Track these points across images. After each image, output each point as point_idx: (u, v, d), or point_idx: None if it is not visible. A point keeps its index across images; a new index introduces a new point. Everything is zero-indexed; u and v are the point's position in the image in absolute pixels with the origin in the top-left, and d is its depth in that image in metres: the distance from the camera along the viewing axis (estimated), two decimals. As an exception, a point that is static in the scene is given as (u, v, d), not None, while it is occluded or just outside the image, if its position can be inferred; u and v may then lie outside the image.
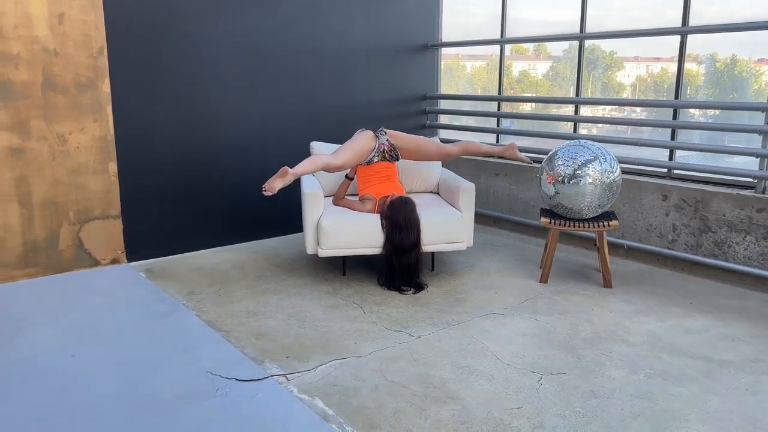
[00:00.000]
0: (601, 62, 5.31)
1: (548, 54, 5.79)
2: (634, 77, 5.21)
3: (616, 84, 5.34)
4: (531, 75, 5.94)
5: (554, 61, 5.82)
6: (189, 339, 3.26)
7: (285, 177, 3.72)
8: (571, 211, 4.04)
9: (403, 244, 3.93)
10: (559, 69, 5.79)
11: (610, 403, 2.64)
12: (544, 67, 5.87)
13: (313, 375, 2.88)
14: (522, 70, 6.01)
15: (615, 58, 5.20)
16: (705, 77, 4.68)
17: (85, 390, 2.74)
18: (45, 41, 4.03)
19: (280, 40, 5.04)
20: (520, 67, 6.03)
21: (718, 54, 4.57)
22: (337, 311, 3.65)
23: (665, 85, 5.04)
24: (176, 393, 2.71)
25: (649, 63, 5.14)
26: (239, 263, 4.54)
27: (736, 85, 4.46)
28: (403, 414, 2.55)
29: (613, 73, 5.25)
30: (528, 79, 5.86)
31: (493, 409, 2.59)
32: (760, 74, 4.47)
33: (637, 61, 5.13)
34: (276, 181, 3.70)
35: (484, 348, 3.16)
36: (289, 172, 3.72)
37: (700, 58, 4.75)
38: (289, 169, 3.72)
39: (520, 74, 6.00)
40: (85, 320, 3.50)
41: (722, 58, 4.48)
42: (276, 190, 3.70)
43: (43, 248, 4.20)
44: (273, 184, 3.70)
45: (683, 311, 3.65)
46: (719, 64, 4.46)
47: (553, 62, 5.83)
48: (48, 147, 4.13)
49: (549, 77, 5.85)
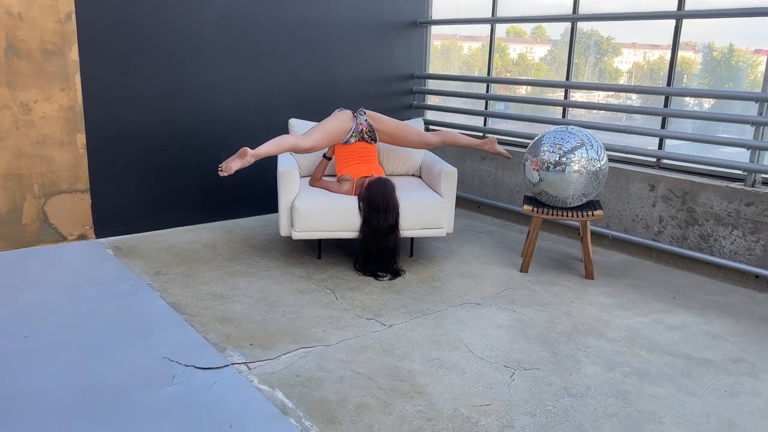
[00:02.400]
0: (597, 48, 5.15)
1: (547, 38, 5.61)
2: (630, 64, 5.06)
3: (612, 70, 5.19)
4: (528, 58, 5.77)
5: (552, 45, 5.64)
6: (150, 322, 3.12)
7: (244, 158, 3.53)
8: (555, 199, 3.91)
9: (380, 226, 3.78)
10: (557, 53, 5.62)
11: (584, 402, 2.52)
12: (542, 50, 5.69)
13: (275, 364, 2.75)
14: (520, 53, 5.83)
15: (612, 43, 5.04)
16: (701, 66, 4.54)
17: (34, 373, 2.59)
18: (8, 4, 3.81)
19: (262, 8, 4.83)
20: (518, 50, 5.85)
21: (714, 43, 4.42)
22: (308, 296, 3.51)
23: (661, 73, 4.89)
24: (130, 379, 2.57)
25: (646, 50, 4.99)
26: (211, 243, 4.38)
27: (732, 75, 4.33)
28: (366, 408, 2.43)
29: (610, 59, 5.09)
30: (525, 63, 5.68)
31: (461, 406, 2.47)
32: (757, 65, 4.34)
33: (635, 48, 4.98)
34: (234, 162, 3.52)
35: (457, 340, 3.04)
36: (249, 153, 3.53)
37: (697, 47, 4.60)
38: (249, 150, 3.52)
39: (519, 57, 5.82)
40: (43, 299, 3.34)
41: (719, 47, 4.33)
42: (233, 170, 3.51)
43: (5, 222, 4.02)
44: (230, 164, 3.51)
45: (665, 306, 3.54)
46: (716, 54, 4.31)
47: (552, 46, 5.65)
48: (11, 116, 3.93)
49: (546, 61, 5.67)
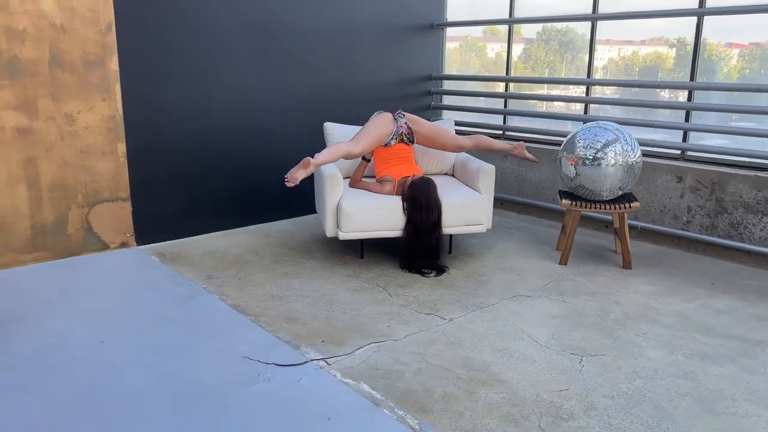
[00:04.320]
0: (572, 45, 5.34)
1: (522, 36, 5.79)
2: (606, 60, 5.23)
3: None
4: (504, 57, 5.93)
5: (527, 43, 5.82)
6: (217, 323, 3.19)
7: (307, 168, 3.66)
8: (592, 193, 4.04)
9: (423, 224, 3.89)
10: (532, 51, 5.79)
11: (655, 384, 2.65)
12: (518, 49, 5.87)
13: (352, 359, 2.84)
14: (497, 52, 5.99)
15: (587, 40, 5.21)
16: (675, 60, 4.73)
17: (123, 377, 2.66)
18: (52, 16, 3.86)
19: (286, 17, 4.91)
20: (495, 49, 6.02)
21: (686, 38, 4.60)
22: (362, 294, 3.61)
23: (636, 69, 5.08)
24: (218, 379, 2.64)
25: (620, 46, 5.17)
26: (252, 246, 4.45)
27: (706, 68, 4.50)
28: (452, 397, 2.53)
29: (585, 56, 5.26)
30: (502, 61, 5.83)
31: (541, 391, 2.58)
32: (730, 58, 4.53)
33: (609, 44, 5.15)
34: (298, 172, 3.65)
35: (518, 330, 3.15)
36: (311, 163, 3.66)
37: (670, 42, 4.79)
38: (311, 159, 3.66)
39: (496, 56, 5.99)
40: (106, 305, 3.40)
41: (691, 42, 4.49)
42: (298, 180, 3.65)
43: (52, 232, 4.06)
44: (295, 174, 3.64)
45: (706, 292, 3.69)
46: (689, 48, 4.48)
47: (526, 44, 5.83)
48: (56, 127, 3.98)
49: (522, 59, 5.85)
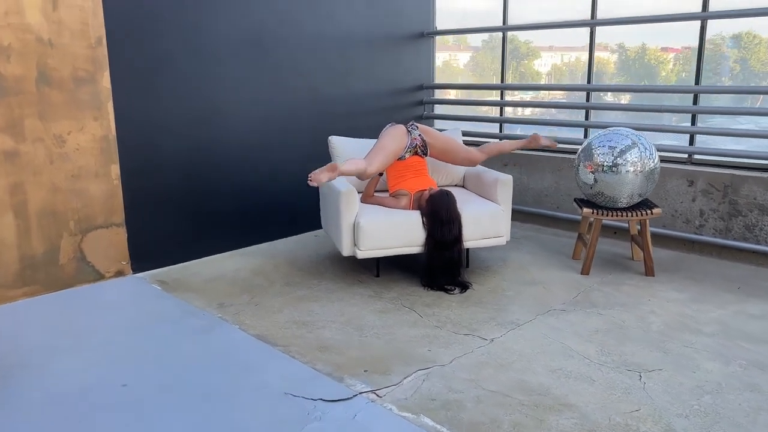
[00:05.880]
0: (517, 51, 5.35)
1: (468, 45, 5.79)
2: (549, 66, 5.25)
3: (533, 72, 5.39)
4: (452, 65, 5.90)
5: (474, 51, 5.81)
6: (246, 357, 2.95)
7: (333, 172, 3.55)
8: (611, 200, 3.96)
9: (445, 238, 3.74)
10: (479, 59, 5.78)
11: (725, 399, 2.55)
12: (465, 57, 5.87)
13: (403, 389, 2.65)
14: (444, 61, 5.97)
15: (531, 47, 5.21)
16: (617, 65, 4.77)
17: (160, 426, 2.40)
18: (39, 30, 3.56)
19: (280, 30, 4.70)
20: (443, 58, 6.00)
21: (624, 43, 4.66)
22: (390, 316, 3.42)
23: (579, 74, 5.11)
24: (266, 423, 2.41)
25: (563, 52, 5.19)
26: (259, 269, 4.20)
27: (647, 73, 4.56)
28: (522, 427, 2.37)
29: (530, 62, 5.26)
30: (450, 69, 5.81)
31: (613, 414, 2.44)
32: (667, 62, 4.60)
33: (552, 51, 5.17)
34: (323, 174, 3.55)
35: (565, 348, 3.02)
36: (337, 169, 3.52)
37: (610, 47, 4.83)
38: (338, 165, 3.51)
39: (443, 64, 5.96)
40: (115, 343, 3.11)
41: (631, 47, 4.55)
42: (322, 182, 3.56)
43: (42, 263, 3.73)
44: (320, 176, 3.54)
45: (735, 297, 3.64)
46: (630, 53, 4.52)
47: (473, 52, 5.82)
48: (44, 149, 3.66)
49: (469, 67, 5.85)
